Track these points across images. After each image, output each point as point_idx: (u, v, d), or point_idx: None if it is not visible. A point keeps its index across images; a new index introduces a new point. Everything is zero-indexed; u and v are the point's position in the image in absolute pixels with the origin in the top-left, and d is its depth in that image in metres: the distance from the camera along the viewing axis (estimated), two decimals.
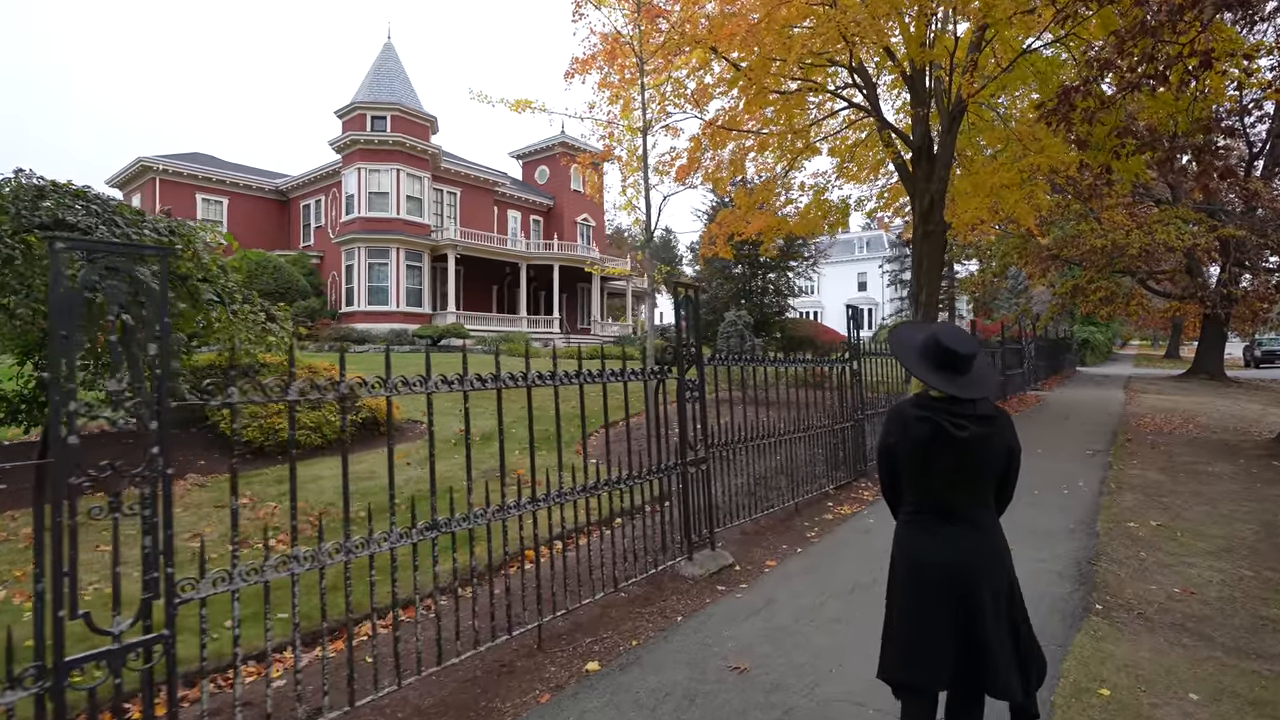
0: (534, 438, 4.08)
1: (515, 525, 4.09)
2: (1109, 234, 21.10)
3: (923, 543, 2.30)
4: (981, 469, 2.27)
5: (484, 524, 3.42)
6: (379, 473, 7.22)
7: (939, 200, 14.29)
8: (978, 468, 2.26)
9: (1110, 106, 10.54)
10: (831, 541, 5.54)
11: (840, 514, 6.42)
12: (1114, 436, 10.77)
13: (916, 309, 14.68)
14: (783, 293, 34.28)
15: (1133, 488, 7.36)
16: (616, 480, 4.30)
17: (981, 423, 2.22)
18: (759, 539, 5.62)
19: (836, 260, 65.25)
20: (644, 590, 4.47)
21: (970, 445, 2.20)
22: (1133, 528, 5.91)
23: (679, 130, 14.38)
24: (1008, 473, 2.35)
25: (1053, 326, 30.07)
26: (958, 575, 2.20)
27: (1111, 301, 24.06)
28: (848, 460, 7.57)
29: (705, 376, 5.12)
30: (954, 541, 2.24)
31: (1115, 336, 46.44)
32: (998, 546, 2.30)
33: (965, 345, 2.25)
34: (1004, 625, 2.22)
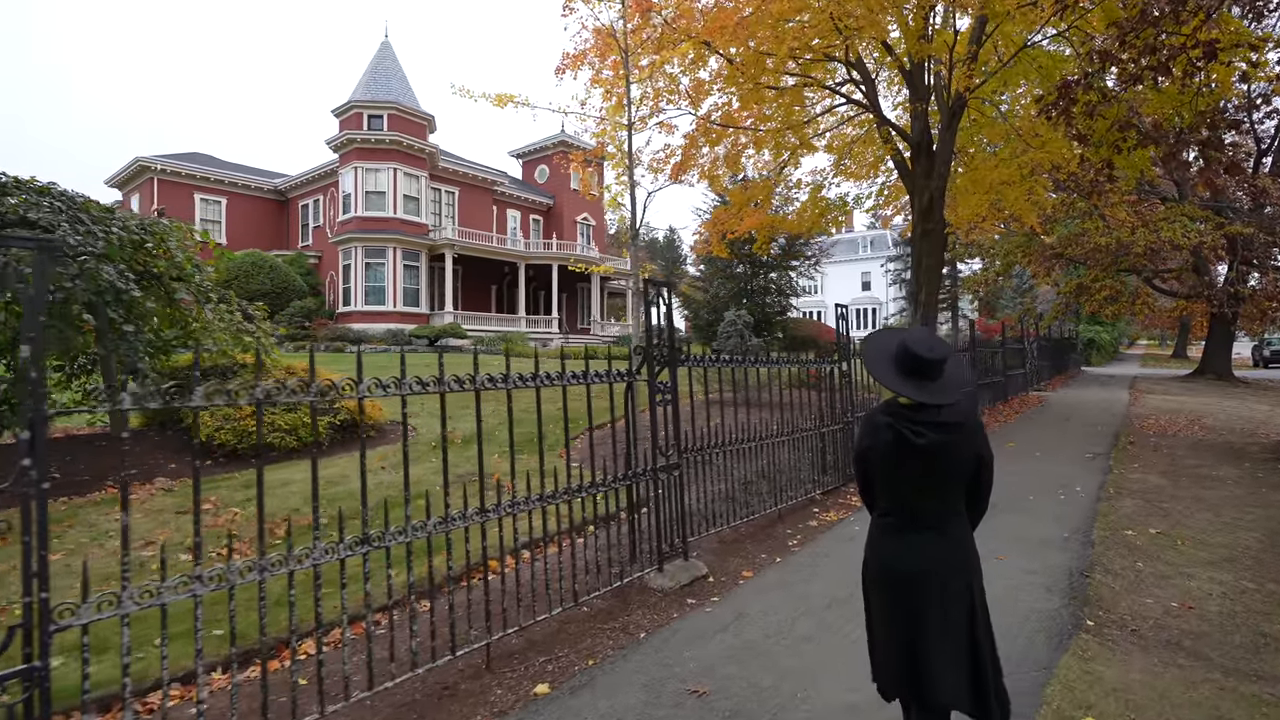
0: (514, 441, 3.90)
1: (472, 535, 3.87)
2: (1113, 232, 20.75)
3: (888, 547, 2.32)
4: (946, 476, 2.25)
5: (423, 537, 3.20)
6: (352, 476, 7.01)
7: (938, 198, 14.01)
8: (942, 475, 2.24)
9: (1112, 100, 10.27)
10: (813, 551, 5.30)
11: (825, 521, 6.18)
12: (1116, 439, 10.49)
13: (916, 308, 14.41)
14: (784, 292, 33.97)
15: (1133, 493, 7.09)
16: (578, 489, 4.08)
17: (943, 430, 2.19)
18: (737, 547, 5.38)
19: (840, 260, 64.95)
20: (608, 604, 4.24)
21: (931, 453, 2.19)
22: (1130, 536, 5.65)
23: (673, 127, 14.01)
24: (978, 481, 2.32)
25: (1057, 326, 29.70)
26: (915, 581, 2.22)
27: (1116, 300, 23.70)
28: (836, 464, 7.32)
29: (683, 378, 4.90)
30: (917, 548, 2.25)
31: (1122, 336, 45.97)
32: (961, 557, 2.26)
33: (933, 351, 2.20)
34: (954, 636, 2.19)
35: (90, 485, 6.78)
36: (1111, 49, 9.34)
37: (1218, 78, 12.06)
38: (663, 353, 4.81)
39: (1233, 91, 14.11)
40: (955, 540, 2.27)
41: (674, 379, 4.85)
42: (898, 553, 2.28)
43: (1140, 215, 20.84)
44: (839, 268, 64.86)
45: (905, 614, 2.23)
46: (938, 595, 2.19)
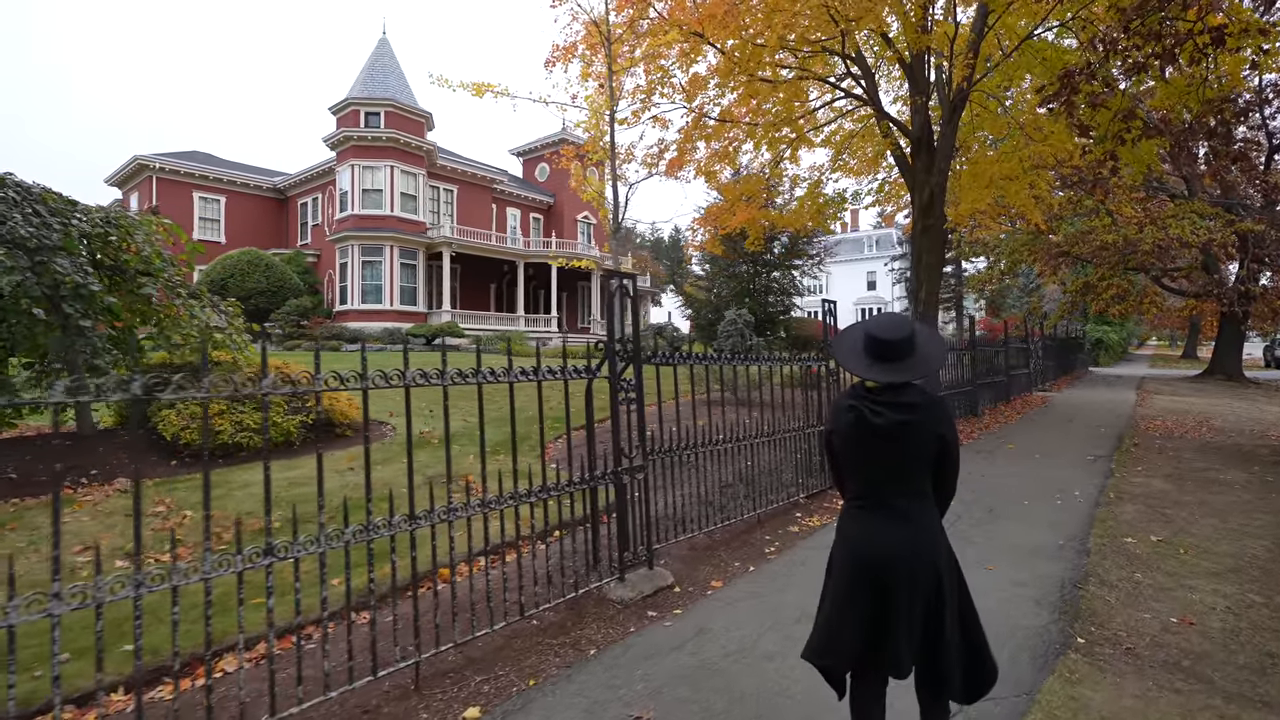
0: (485, 441, 3.66)
1: (420, 542, 3.60)
2: (1121, 229, 20.32)
3: (853, 530, 2.33)
4: (907, 457, 2.23)
5: (341, 547, 2.92)
6: (314, 477, 6.74)
7: (939, 193, 13.68)
8: (903, 455, 2.23)
9: (1115, 89, 9.92)
10: (789, 560, 5.00)
11: (807, 526, 5.88)
12: (1119, 440, 10.12)
13: (916, 306, 14.07)
14: (787, 291, 33.68)
15: (1134, 498, 6.75)
16: (528, 493, 3.80)
17: (901, 410, 2.18)
18: (710, 555, 5.09)
19: (846, 259, 64.55)
20: (561, 617, 3.96)
21: (889, 432, 2.19)
22: (1130, 544, 5.32)
23: (668, 122, 13.71)
24: (943, 463, 2.28)
25: (1064, 325, 29.24)
26: (877, 563, 2.21)
27: (1124, 299, 23.25)
28: (823, 466, 7.01)
29: (654, 376, 4.61)
30: (882, 531, 2.24)
31: (1131, 336, 45.33)
32: (927, 540, 2.23)
33: (892, 332, 2.23)
34: (916, 619, 2.18)
35: (48, 486, 6.56)
36: (1115, 35, 9.00)
37: (1227, 68, 11.67)
38: (626, 349, 4.53)
39: (1242, 83, 13.70)
40: (920, 523, 2.24)
41: (639, 376, 4.56)
42: (864, 535, 2.27)
43: (1148, 213, 20.40)
44: (844, 267, 64.44)
45: (869, 595, 2.21)
46: (903, 579, 2.17)
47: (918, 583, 2.17)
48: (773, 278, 34.10)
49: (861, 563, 2.24)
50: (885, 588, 2.18)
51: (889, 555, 2.19)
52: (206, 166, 29.57)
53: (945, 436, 2.24)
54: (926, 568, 2.19)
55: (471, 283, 30.10)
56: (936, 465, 2.27)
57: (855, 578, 2.25)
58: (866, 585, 2.21)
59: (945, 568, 2.23)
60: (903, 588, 2.16)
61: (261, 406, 2.90)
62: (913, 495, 2.25)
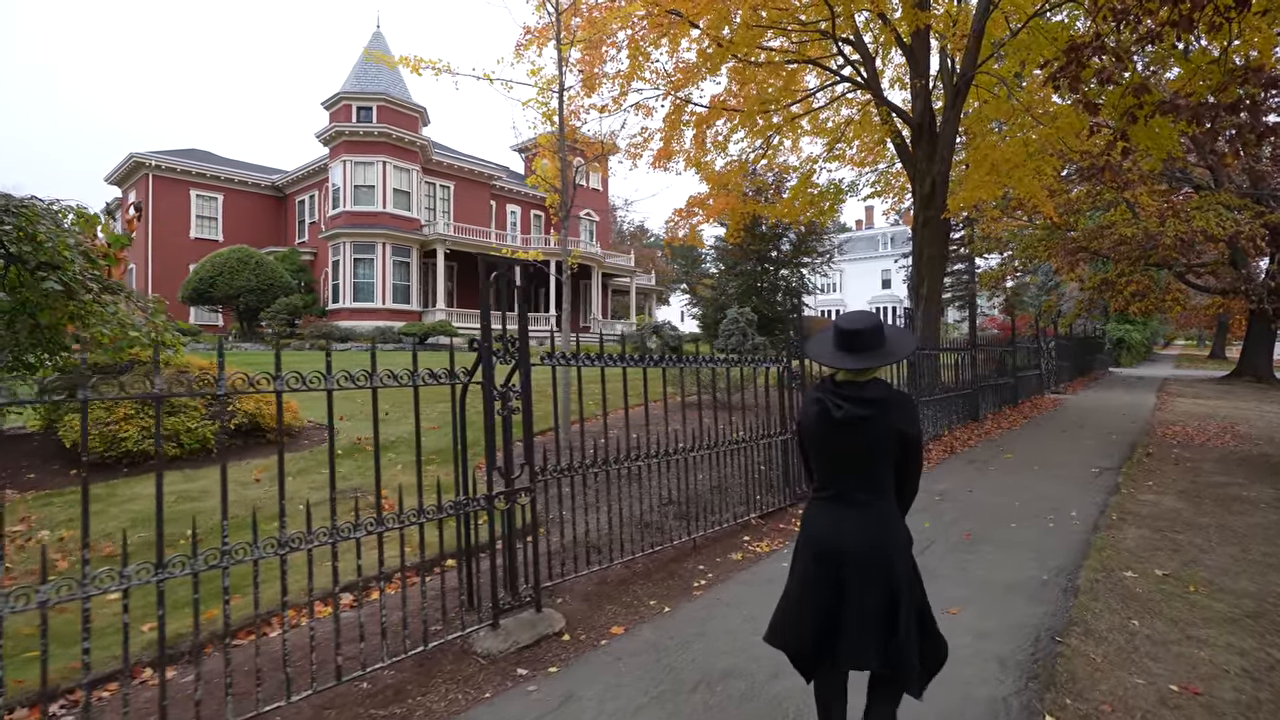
0: (380, 458, 3.04)
1: (242, 580, 2.91)
2: (1141, 222, 19.18)
3: (813, 520, 2.37)
4: (866, 451, 2.26)
5: (155, 581, 2.22)
6: (215, 490, 6.11)
7: (941, 183, 12.79)
8: (863, 449, 2.26)
9: (1127, 62, 8.99)
10: (715, 599, 4.23)
11: (753, 553, 5.09)
12: (1131, 449, 9.19)
13: (918, 302, 13.18)
14: (796, 290, 32.82)
15: (1140, 519, 5.88)
16: (377, 522, 3.08)
17: (862, 404, 2.22)
18: (623, 591, 4.33)
19: (859, 257, 63.36)
20: (403, 678, 3.23)
21: (849, 426, 2.22)
22: (1129, 580, 4.48)
23: (652, 109, 12.98)
24: (904, 458, 2.29)
25: (1083, 324, 28.00)
26: (834, 554, 2.25)
27: (1145, 296, 22.04)
28: (786, 480, 6.23)
29: (593, 375, 3.88)
30: (839, 523, 2.28)
31: (1155, 335, 43.67)
32: (883, 534, 2.25)
33: (857, 323, 2.28)
34: (871, 610, 2.19)
35: None
36: (1127, 3, 8.09)
37: (1259, 43, 10.67)
38: (509, 349, 3.80)
39: (1273, 60, 12.62)
40: (878, 517, 2.26)
41: (526, 382, 3.83)
42: (822, 526, 2.32)
43: (1171, 205, 19.23)
44: (858, 265, 63.24)
45: (824, 585, 2.26)
46: (856, 570, 2.21)
47: (871, 575, 2.19)
48: (780, 276, 33.27)
49: (818, 552, 2.29)
50: (839, 578, 2.22)
51: (843, 546, 2.23)
52: (204, 164, 29.31)
53: (906, 433, 2.25)
54: (881, 560, 2.21)
55: (470, 281, 29.53)
56: (898, 461, 2.27)
57: (812, 566, 2.29)
58: (822, 574, 2.26)
59: (900, 562, 2.24)
60: (855, 579, 2.20)
61: (156, 410, 2.60)
62: (871, 489, 2.27)
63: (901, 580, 2.21)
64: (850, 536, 2.23)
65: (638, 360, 4.91)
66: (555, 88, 7.39)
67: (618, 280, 35.75)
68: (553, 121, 7.34)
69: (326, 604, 3.76)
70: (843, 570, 2.21)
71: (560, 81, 7.41)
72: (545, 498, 4.36)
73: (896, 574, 2.21)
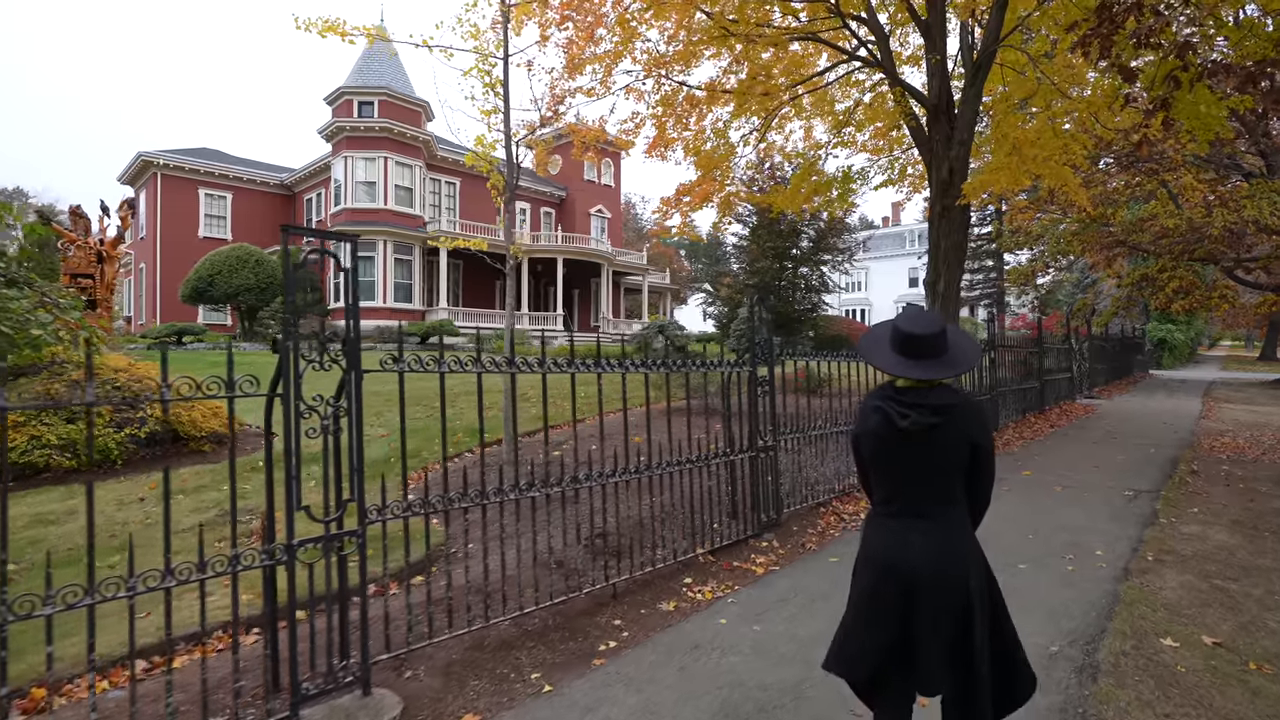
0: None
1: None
2: (1184, 213, 17.66)
3: (877, 537, 2.20)
4: (936, 462, 2.09)
5: None
6: (102, 510, 5.33)
7: (960, 169, 11.64)
8: (932, 461, 2.09)
9: (1166, 20, 7.81)
10: (618, 671, 3.28)
11: (691, 601, 4.13)
12: (1173, 466, 7.99)
13: (934, 299, 12.02)
14: (815, 288, 31.63)
15: (1182, 560, 4.77)
16: (104, 587, 2.22)
17: (929, 412, 2.04)
18: (501, 658, 3.40)
19: (886, 255, 61.59)
20: None
21: (916, 436, 2.05)
22: (1169, 652, 3.43)
23: (644, 93, 12.07)
24: (975, 469, 2.13)
25: (1121, 323, 26.33)
26: (902, 574, 2.07)
27: (1189, 293, 20.40)
28: (754, 504, 5.25)
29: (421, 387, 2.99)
30: (908, 540, 2.10)
31: (1200, 336, 41.34)
32: (953, 549, 2.08)
33: (923, 327, 2.11)
34: (945, 633, 2.02)
35: None
36: None
37: None
38: (324, 350, 2.91)
39: None
40: (949, 533, 2.10)
41: (357, 393, 2.95)
42: (889, 543, 2.15)
43: (1219, 195, 17.67)
44: (884, 263, 61.49)
45: (891, 606, 2.08)
46: (928, 591, 2.04)
47: (944, 595, 2.03)
48: (800, 274, 32.05)
49: (884, 572, 2.12)
50: (909, 599, 2.06)
51: (912, 565, 2.07)
52: (212, 163, 29.16)
53: (978, 442, 2.12)
54: (955, 579, 2.04)
55: (475, 279, 28.91)
56: (969, 472, 2.13)
57: (878, 587, 2.12)
58: (889, 595, 2.09)
59: (976, 580, 2.07)
60: (927, 600, 2.03)
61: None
62: (942, 502, 2.12)
63: (975, 600, 2.05)
64: (919, 554, 2.07)
65: (565, 364, 3.99)
66: (500, 53, 6.53)
67: (630, 279, 34.84)
68: (496, 91, 6.49)
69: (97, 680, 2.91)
70: (912, 591, 2.05)
71: (505, 46, 6.54)
72: (448, 532, 3.46)
73: (971, 592, 2.04)
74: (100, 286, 16.00)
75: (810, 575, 4.51)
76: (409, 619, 3.26)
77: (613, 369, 4.18)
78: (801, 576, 4.49)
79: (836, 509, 5.99)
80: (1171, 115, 8.09)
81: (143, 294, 29.47)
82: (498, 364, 3.67)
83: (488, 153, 6.80)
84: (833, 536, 5.34)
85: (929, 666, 2.02)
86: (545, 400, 3.90)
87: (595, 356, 4.09)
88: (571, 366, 3.97)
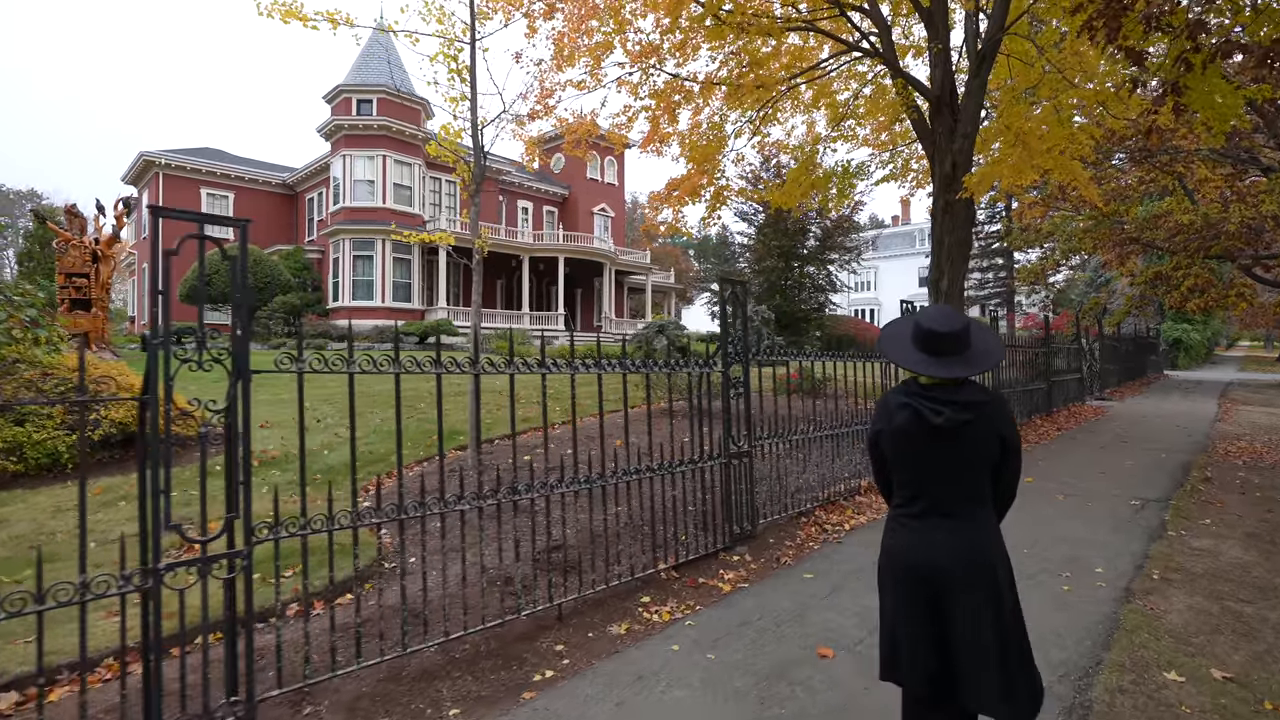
0: None
1: None
2: (1200, 209, 17.06)
3: (902, 538, 2.15)
4: (967, 459, 2.07)
5: None
6: (21, 518, 5.07)
7: (964, 162, 11.21)
8: (962, 458, 2.06)
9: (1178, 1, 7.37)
10: (548, 708, 2.94)
11: (646, 623, 3.77)
12: (1185, 472, 7.55)
13: (937, 298, 11.60)
14: (822, 287, 31.18)
15: (1192, 579, 4.37)
16: None
17: (961, 409, 2.02)
18: (420, 690, 3.05)
19: (895, 254, 60.89)
20: None
21: (949, 433, 2.03)
22: (1171, 685, 3.05)
23: (637, 85, 11.72)
24: (1003, 466, 2.11)
25: (1134, 322, 25.68)
26: (931, 575, 2.04)
27: (1205, 292, 19.72)
28: (715, 519, 4.88)
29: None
30: (932, 538, 2.07)
31: (1217, 336, 40.42)
32: (984, 548, 2.06)
33: (946, 324, 2.08)
34: (987, 634, 1.98)
35: None
36: None
37: None
38: (212, 350, 2.59)
39: None
40: (979, 529, 2.07)
41: (245, 398, 2.62)
42: (915, 544, 2.10)
43: (1236, 190, 17.07)
44: (894, 262, 60.79)
45: (926, 611, 2.04)
46: (961, 589, 2.00)
47: (978, 595, 2.00)
48: (806, 273, 31.58)
49: (914, 573, 2.07)
50: (942, 601, 2.02)
51: (940, 565, 2.03)
52: (214, 163, 29.09)
53: (1006, 438, 2.09)
54: (987, 577, 2.02)
55: None
56: (996, 468, 2.10)
57: (909, 592, 2.07)
58: (921, 599, 2.05)
59: (1004, 577, 2.05)
60: (960, 601, 2.00)
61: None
62: (970, 500, 2.08)
63: (1005, 598, 2.03)
64: (948, 553, 2.04)
65: (503, 365, 3.66)
66: (467, 38, 6.20)
67: (634, 278, 34.49)
68: (463, 76, 6.17)
69: None
70: (943, 593, 2.02)
71: (471, 30, 6.21)
72: (400, 543, 3.12)
73: (1002, 591, 2.02)
74: (95, 286, 15.85)
75: (780, 594, 4.14)
76: (318, 646, 2.92)
77: (559, 369, 3.83)
78: (770, 595, 4.13)
79: (820, 519, 5.61)
80: (1185, 103, 7.65)
81: (145, 294, 29.46)
82: (419, 364, 3.33)
83: (454, 141, 6.43)
84: (811, 550, 4.96)
85: (974, 676, 1.96)
86: (513, 402, 3.59)
87: (539, 358, 3.74)
88: (511, 367, 3.63)
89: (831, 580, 4.34)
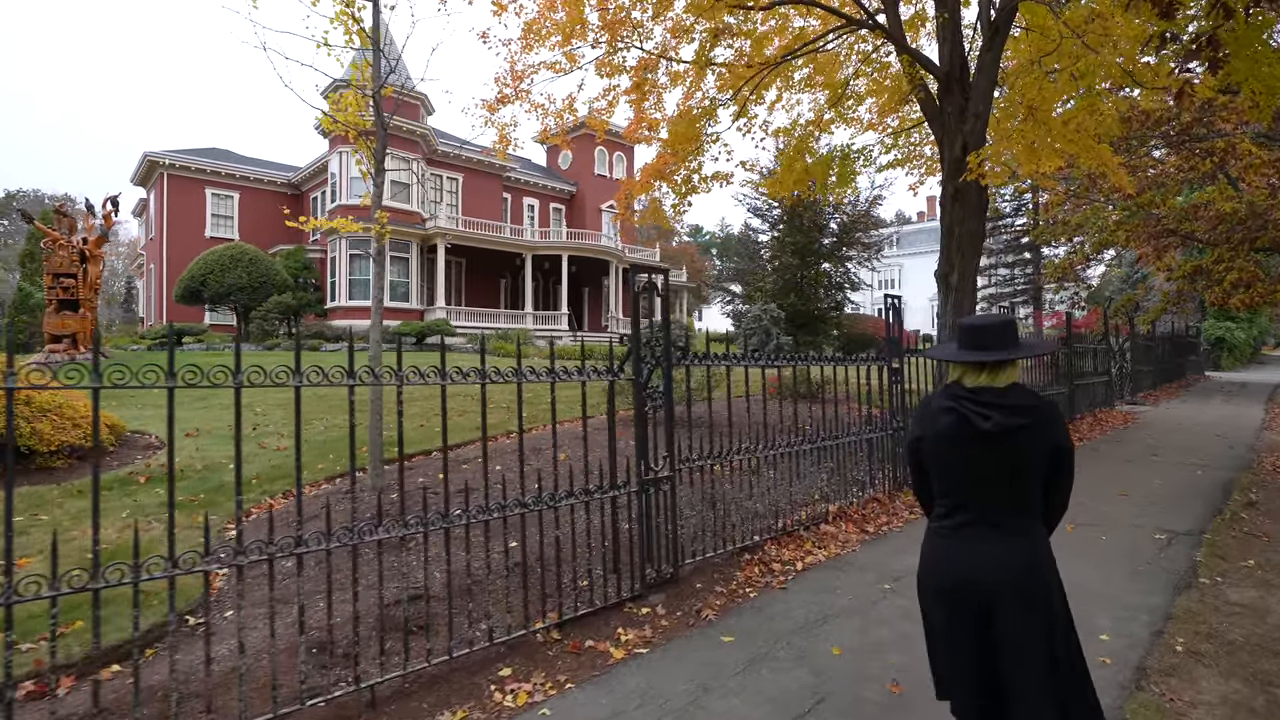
0: None
1: None
2: (1244, 197, 15.68)
3: (948, 550, 2.00)
4: (1017, 467, 1.92)
5: None
6: None
7: (975, 145, 10.14)
8: (1013, 465, 1.92)
9: None
10: None
11: (490, 709, 2.90)
12: (1225, 494, 6.43)
13: (947, 294, 10.52)
14: (840, 285, 30.01)
15: (1225, 649, 3.35)
16: None
17: (1011, 413, 1.89)
18: None
19: (919, 251, 59.12)
20: None
21: (998, 439, 1.89)
22: None
23: (618, 67, 10.85)
24: (1058, 475, 1.97)
25: (1171, 320, 24.08)
26: (978, 589, 1.91)
27: (1250, 287, 18.19)
28: (628, 559, 3.98)
29: None
30: (976, 549, 1.93)
31: (1264, 335, 38.12)
32: (1034, 561, 1.91)
33: (984, 320, 2.03)
34: (1033, 653, 1.84)
35: None
36: None
37: None
38: None
39: None
40: (1029, 544, 1.92)
41: None
42: (955, 555, 1.97)
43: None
44: (918, 260, 59.02)
45: (973, 629, 1.91)
46: (1010, 605, 1.86)
47: (1031, 613, 1.86)
48: (822, 270, 30.43)
49: (959, 589, 1.93)
50: (992, 617, 1.89)
51: (985, 581, 1.89)
52: (219, 163, 28.94)
53: (1062, 446, 1.96)
54: (1040, 594, 1.87)
55: (479, 278, 28.05)
56: (1049, 477, 1.96)
57: (954, 605, 1.95)
58: (969, 616, 1.92)
59: (1057, 595, 1.91)
60: (1016, 616, 1.86)
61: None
62: (1021, 512, 1.94)
63: (1057, 614, 1.87)
64: (996, 566, 1.88)
65: (389, 377, 2.84)
66: None
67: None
68: (365, 41, 5.40)
69: None
70: (991, 611, 1.87)
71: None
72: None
73: (1054, 609, 1.87)
74: (83, 286, 15.47)
75: (683, 665, 3.24)
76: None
77: (425, 381, 3.00)
78: (671, 667, 3.23)
79: (767, 556, 4.66)
80: (1221, 59, 6.50)
81: (152, 295, 29.44)
82: (327, 374, 2.53)
83: (354, 114, 5.64)
84: (743, 599, 4.02)
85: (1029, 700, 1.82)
86: (400, 421, 2.74)
87: (439, 366, 2.90)
88: (396, 379, 2.81)
89: (754, 647, 3.41)
